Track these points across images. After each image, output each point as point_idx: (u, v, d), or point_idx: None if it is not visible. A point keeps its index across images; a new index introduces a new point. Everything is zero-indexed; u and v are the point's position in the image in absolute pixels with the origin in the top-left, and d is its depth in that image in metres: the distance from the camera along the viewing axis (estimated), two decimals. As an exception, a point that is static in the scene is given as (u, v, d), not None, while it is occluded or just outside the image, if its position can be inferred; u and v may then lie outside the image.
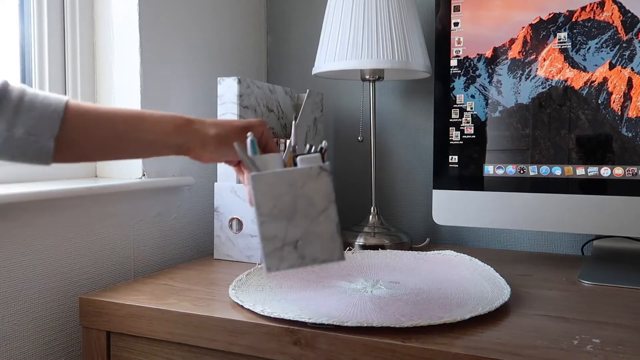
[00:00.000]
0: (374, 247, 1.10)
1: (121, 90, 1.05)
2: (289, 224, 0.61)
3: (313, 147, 0.69)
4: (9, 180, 0.92)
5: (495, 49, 0.99)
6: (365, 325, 0.65)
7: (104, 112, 0.65)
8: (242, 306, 0.74)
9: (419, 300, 0.77)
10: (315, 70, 1.13)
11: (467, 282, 0.85)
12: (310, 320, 0.66)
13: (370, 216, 1.17)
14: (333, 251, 0.63)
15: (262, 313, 0.70)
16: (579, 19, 0.93)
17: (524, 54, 0.97)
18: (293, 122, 0.80)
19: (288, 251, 0.62)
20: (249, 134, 0.68)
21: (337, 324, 0.66)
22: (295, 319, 0.67)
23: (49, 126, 0.60)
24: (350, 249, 1.09)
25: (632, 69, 0.89)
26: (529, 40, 0.97)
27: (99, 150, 0.65)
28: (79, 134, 0.62)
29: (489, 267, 0.92)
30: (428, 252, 1.03)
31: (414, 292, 0.81)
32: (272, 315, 0.69)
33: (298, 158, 0.64)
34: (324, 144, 0.70)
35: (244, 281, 0.86)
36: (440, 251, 1.03)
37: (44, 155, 0.60)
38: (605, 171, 0.92)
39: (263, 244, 0.61)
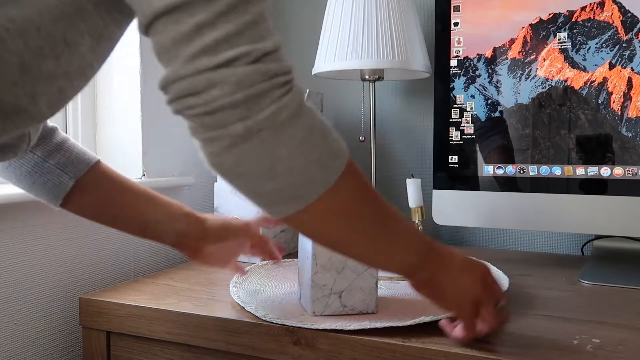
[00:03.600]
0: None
1: (121, 90, 1.05)
2: (338, 276, 0.71)
3: None
4: (9, 180, 0.92)
5: (495, 49, 0.99)
6: (368, 327, 0.65)
7: (125, 180, 0.71)
8: (244, 308, 0.74)
9: (421, 298, 0.77)
10: (315, 70, 1.13)
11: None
12: (312, 327, 0.67)
13: (370, 216, 1.17)
14: (369, 304, 0.72)
15: (264, 319, 0.70)
16: (579, 19, 0.93)
17: (524, 54, 0.97)
18: None
19: (333, 299, 0.71)
20: None
21: (340, 328, 0.66)
22: (298, 325, 0.67)
23: (76, 168, 0.67)
24: None
25: (632, 69, 0.89)
26: (529, 40, 0.97)
27: (107, 209, 0.69)
28: (97, 187, 0.68)
29: (488, 264, 0.91)
30: None
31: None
32: (274, 321, 0.69)
33: None
34: None
35: (244, 278, 0.86)
36: None
37: (60, 191, 0.66)
38: (605, 171, 0.92)
39: (313, 290, 0.71)
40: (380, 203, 0.55)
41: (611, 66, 0.91)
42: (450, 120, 1.03)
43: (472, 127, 1.01)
